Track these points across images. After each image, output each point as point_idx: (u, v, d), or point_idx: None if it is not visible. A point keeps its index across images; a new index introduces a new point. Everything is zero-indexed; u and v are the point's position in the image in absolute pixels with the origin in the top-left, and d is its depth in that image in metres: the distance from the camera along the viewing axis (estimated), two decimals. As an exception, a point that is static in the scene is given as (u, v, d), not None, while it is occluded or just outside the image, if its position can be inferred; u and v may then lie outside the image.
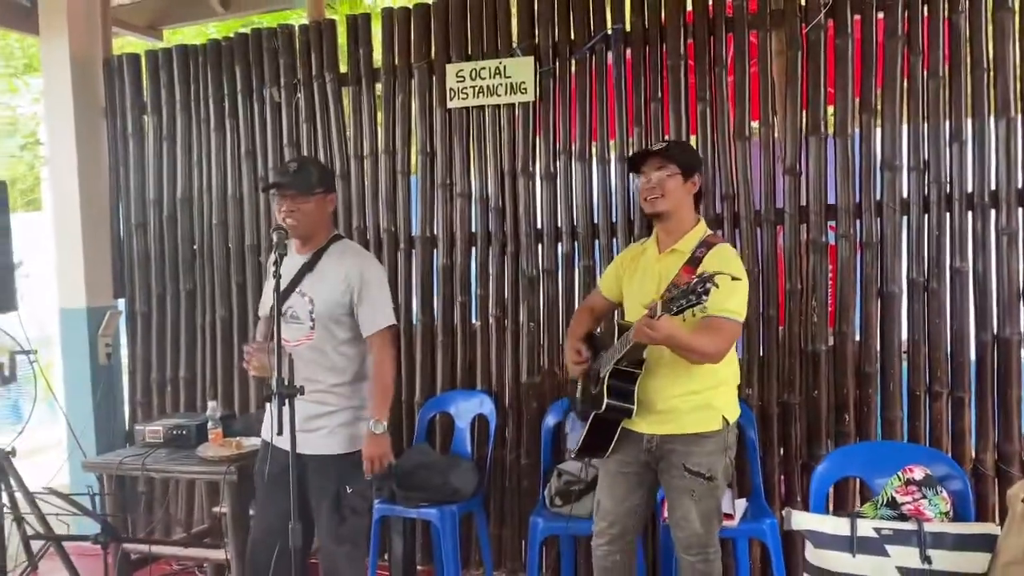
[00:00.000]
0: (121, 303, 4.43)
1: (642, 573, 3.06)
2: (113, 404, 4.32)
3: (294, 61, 3.98)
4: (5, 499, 3.40)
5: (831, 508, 3.08)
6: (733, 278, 2.15)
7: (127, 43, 5.59)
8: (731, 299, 2.36)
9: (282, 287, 2.53)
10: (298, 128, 4.00)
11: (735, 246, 3.34)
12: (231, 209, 4.14)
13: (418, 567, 3.83)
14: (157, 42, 5.43)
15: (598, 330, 2.83)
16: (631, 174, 2.70)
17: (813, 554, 2.19)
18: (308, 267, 2.65)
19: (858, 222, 3.21)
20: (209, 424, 3.36)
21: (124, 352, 4.45)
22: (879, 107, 3.18)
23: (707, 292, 2.07)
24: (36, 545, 3.34)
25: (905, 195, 3.15)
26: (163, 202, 4.28)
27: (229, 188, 4.14)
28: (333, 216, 3.02)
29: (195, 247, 4.23)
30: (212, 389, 4.18)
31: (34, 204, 8.92)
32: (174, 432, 3.42)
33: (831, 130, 3.28)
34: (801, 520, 2.22)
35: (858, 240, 3.22)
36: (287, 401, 2.15)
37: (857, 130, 3.23)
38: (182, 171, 4.24)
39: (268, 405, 2.54)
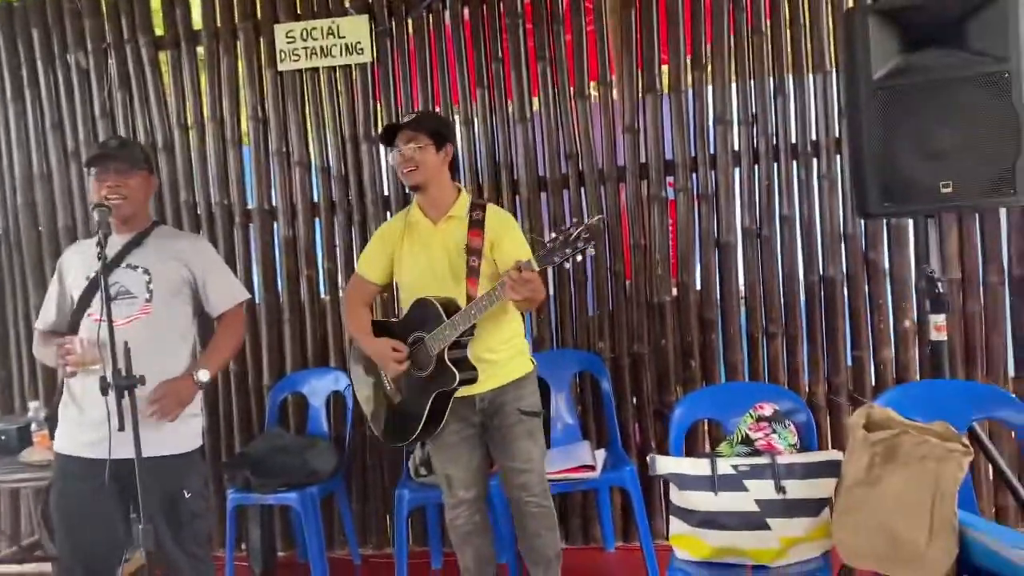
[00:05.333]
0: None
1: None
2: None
3: (102, 23, 3.63)
4: None
5: (684, 451, 3.24)
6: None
7: None
8: (525, 248, 2.51)
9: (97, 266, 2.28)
10: (111, 97, 3.65)
11: (580, 204, 3.41)
12: (39, 188, 3.74)
13: (279, 553, 3.68)
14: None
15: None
16: (386, 146, 2.64)
17: (678, 496, 2.28)
18: (134, 243, 2.42)
19: (694, 176, 3.35)
20: (32, 426, 3.05)
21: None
22: (709, 64, 3.31)
23: (589, 241, 2.13)
24: None
25: (736, 147, 3.30)
26: (-43, 183, 3.81)
27: (35, 165, 3.74)
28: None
29: (0, 231, 3.80)
30: (31, 388, 3.79)
31: None
32: (-9, 438, 3.08)
33: (666, 88, 3.38)
34: (665, 464, 2.30)
35: (695, 193, 3.35)
36: (127, 393, 1.95)
37: (690, 87, 3.34)
38: (-25, 148, 3.78)
39: (62, 410, 2.36)
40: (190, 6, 3.62)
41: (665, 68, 3.39)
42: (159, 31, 3.63)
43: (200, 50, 3.61)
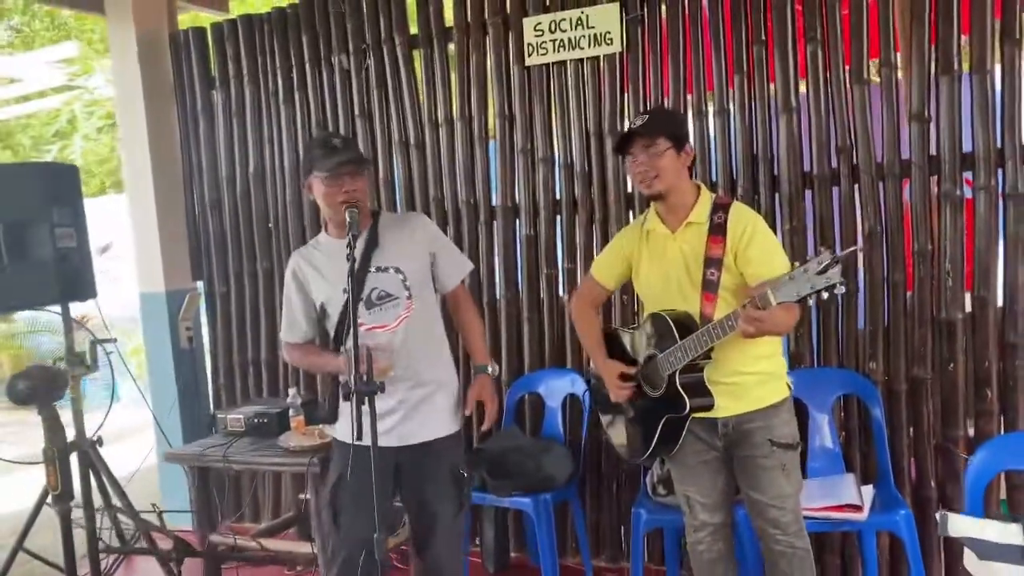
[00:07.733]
0: (200, 285, 4.34)
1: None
2: (196, 388, 4.26)
3: (362, 24, 3.75)
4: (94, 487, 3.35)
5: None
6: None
7: (193, 18, 5.47)
8: (778, 256, 2.28)
9: (338, 274, 2.31)
10: (368, 96, 3.78)
11: (853, 203, 3.00)
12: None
13: (511, 554, 3.65)
14: (223, 14, 5.28)
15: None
16: (619, 155, 2.45)
17: (977, 565, 1.88)
18: (372, 244, 2.43)
19: (1000, 171, 2.81)
20: (291, 412, 3.23)
21: (206, 335, 4.38)
22: (1025, 37, 2.75)
23: (837, 276, 1.90)
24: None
25: (1060, 138, 2.73)
26: (236, 179, 4.15)
27: (303, 163, 3.96)
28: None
29: (270, 225, 4.10)
30: (294, 373, 4.06)
31: (120, 186, 9.05)
32: (256, 420, 3.31)
33: (967, 67, 2.86)
34: (959, 526, 1.91)
35: (1000, 192, 2.81)
36: (368, 400, 1.95)
37: (998, 66, 2.80)
38: (253, 147, 4.09)
39: (343, 403, 2.36)
40: (443, 2, 3.63)
41: (965, 41, 2.88)
42: (413, 30, 3.69)
43: (451, 47, 3.62)
